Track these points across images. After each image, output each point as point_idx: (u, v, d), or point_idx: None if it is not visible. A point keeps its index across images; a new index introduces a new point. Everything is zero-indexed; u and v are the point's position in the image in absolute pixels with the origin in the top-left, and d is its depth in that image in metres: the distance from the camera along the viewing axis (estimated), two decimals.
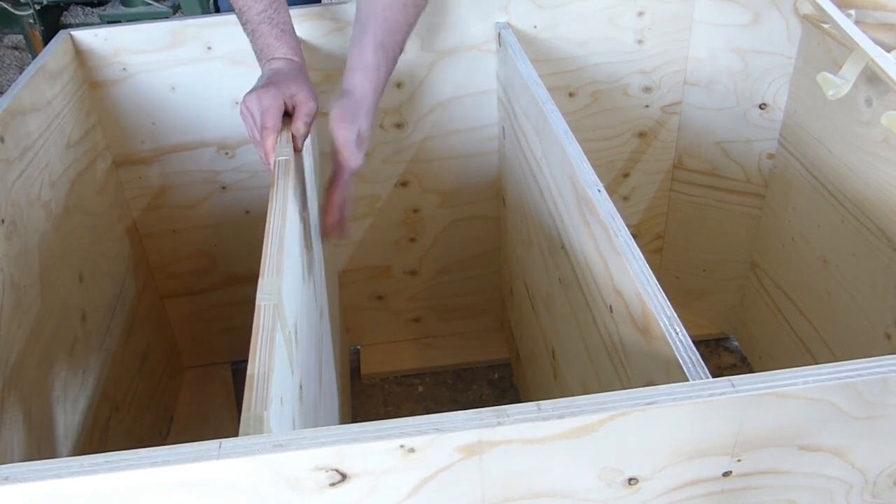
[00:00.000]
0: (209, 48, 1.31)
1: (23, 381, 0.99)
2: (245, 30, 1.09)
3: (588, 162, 0.89)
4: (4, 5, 3.11)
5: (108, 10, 3.11)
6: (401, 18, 1.07)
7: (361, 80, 1.04)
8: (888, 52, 1.11)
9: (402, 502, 0.55)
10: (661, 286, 0.71)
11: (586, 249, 0.87)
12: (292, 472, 0.52)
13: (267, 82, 1.00)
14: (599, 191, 0.84)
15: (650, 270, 0.73)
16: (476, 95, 1.41)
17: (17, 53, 3.69)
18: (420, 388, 1.67)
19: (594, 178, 0.87)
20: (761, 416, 0.55)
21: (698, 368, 0.62)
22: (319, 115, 1.06)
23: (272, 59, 1.05)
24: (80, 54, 1.30)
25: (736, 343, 1.67)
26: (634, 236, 0.80)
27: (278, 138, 0.96)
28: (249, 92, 0.99)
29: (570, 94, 1.43)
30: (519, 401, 1.63)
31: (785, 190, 1.41)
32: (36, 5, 3.06)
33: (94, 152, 1.32)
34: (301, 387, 0.81)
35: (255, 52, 1.08)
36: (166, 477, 0.50)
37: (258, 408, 0.60)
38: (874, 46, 1.08)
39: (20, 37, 3.52)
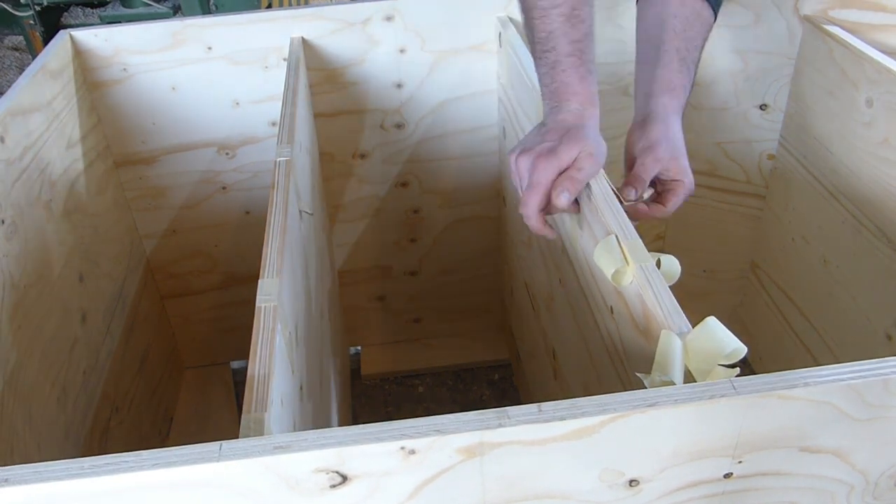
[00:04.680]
0: (209, 48, 1.31)
1: (23, 381, 0.99)
2: (541, 56, 0.88)
3: None
4: (5, 6, 3.11)
5: (109, 10, 3.11)
6: (699, 39, 0.99)
7: (669, 101, 0.94)
8: (888, 54, 1.11)
9: None
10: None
11: (587, 250, 0.87)
12: (293, 473, 0.52)
13: (548, 145, 0.84)
14: (602, 190, 0.84)
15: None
16: (476, 95, 1.41)
17: (17, 54, 3.69)
18: (420, 389, 1.67)
19: (599, 176, 0.87)
20: (762, 418, 0.55)
21: None
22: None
23: (565, 104, 0.88)
24: (80, 54, 1.30)
25: None
26: None
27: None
28: (526, 150, 0.85)
29: None
30: (519, 401, 1.63)
31: (785, 190, 1.41)
32: (36, 6, 3.06)
33: (94, 152, 1.32)
34: (301, 388, 0.81)
35: (545, 85, 0.90)
36: (167, 479, 0.50)
37: (258, 409, 0.60)
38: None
39: (20, 38, 3.53)
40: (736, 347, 0.59)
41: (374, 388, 1.68)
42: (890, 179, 1.11)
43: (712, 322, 0.61)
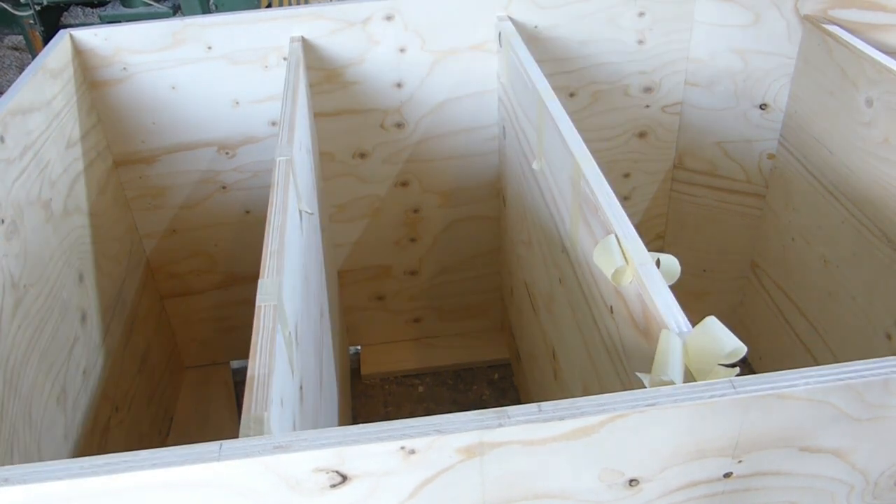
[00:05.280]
0: (209, 48, 1.31)
1: (23, 381, 0.99)
2: None
3: (593, 160, 0.88)
4: (5, 6, 3.11)
5: (109, 10, 3.11)
6: None
7: None
8: (887, 54, 1.11)
9: (403, 503, 0.55)
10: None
11: (587, 249, 0.87)
12: (293, 473, 0.52)
13: None
14: (602, 190, 0.84)
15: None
16: (476, 95, 1.41)
17: (17, 54, 3.69)
18: (420, 389, 1.67)
19: (598, 176, 0.86)
20: (762, 418, 0.55)
21: None
22: None
23: None
24: (80, 54, 1.30)
25: None
26: None
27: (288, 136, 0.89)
28: None
29: (571, 95, 1.43)
30: (519, 401, 1.63)
31: (785, 190, 1.41)
32: (36, 6, 3.06)
33: (94, 152, 1.32)
34: (301, 388, 0.81)
35: None
36: (166, 478, 0.50)
37: (258, 409, 0.60)
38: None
39: (20, 37, 3.53)
40: (736, 347, 0.59)
41: (374, 388, 1.68)
42: (890, 179, 1.11)
43: (712, 322, 0.61)
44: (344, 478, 0.53)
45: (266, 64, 1.34)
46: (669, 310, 0.66)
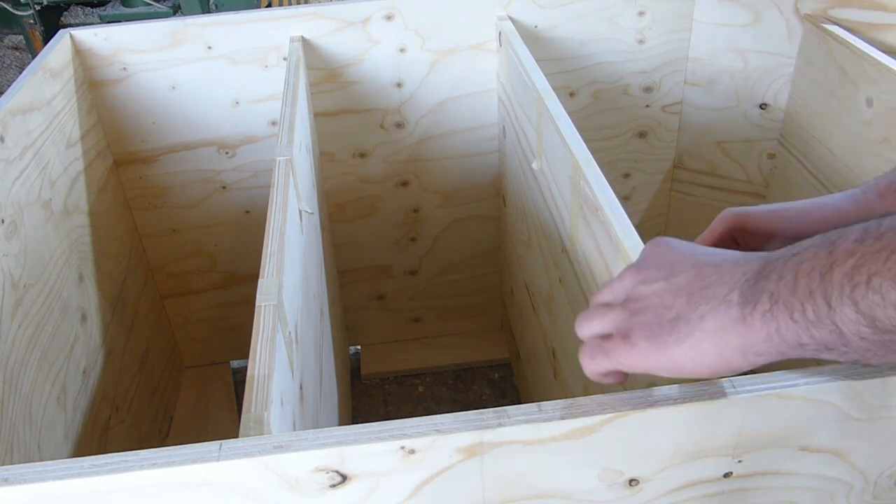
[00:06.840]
0: (209, 48, 1.31)
1: (23, 380, 0.99)
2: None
3: (593, 160, 0.88)
4: (5, 5, 3.11)
5: (109, 10, 3.11)
6: None
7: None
8: (888, 53, 1.11)
9: (403, 503, 0.55)
10: None
11: (587, 249, 0.87)
12: (293, 473, 0.52)
13: (632, 323, 0.53)
14: (602, 190, 0.84)
15: None
16: (476, 95, 1.41)
17: (17, 53, 3.70)
18: (420, 389, 1.67)
19: (598, 176, 0.86)
20: (762, 417, 0.55)
21: None
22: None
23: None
24: (80, 54, 1.30)
25: None
26: None
27: None
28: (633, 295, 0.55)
29: (571, 94, 1.43)
30: (519, 401, 1.63)
31: (785, 190, 1.41)
32: (36, 5, 3.06)
33: (94, 151, 1.32)
34: (301, 387, 0.81)
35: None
36: (166, 478, 0.50)
37: (258, 409, 0.60)
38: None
39: (20, 37, 3.53)
40: None
41: (374, 388, 1.68)
42: None
43: None
44: (344, 477, 0.53)
45: (266, 64, 1.34)
46: None
